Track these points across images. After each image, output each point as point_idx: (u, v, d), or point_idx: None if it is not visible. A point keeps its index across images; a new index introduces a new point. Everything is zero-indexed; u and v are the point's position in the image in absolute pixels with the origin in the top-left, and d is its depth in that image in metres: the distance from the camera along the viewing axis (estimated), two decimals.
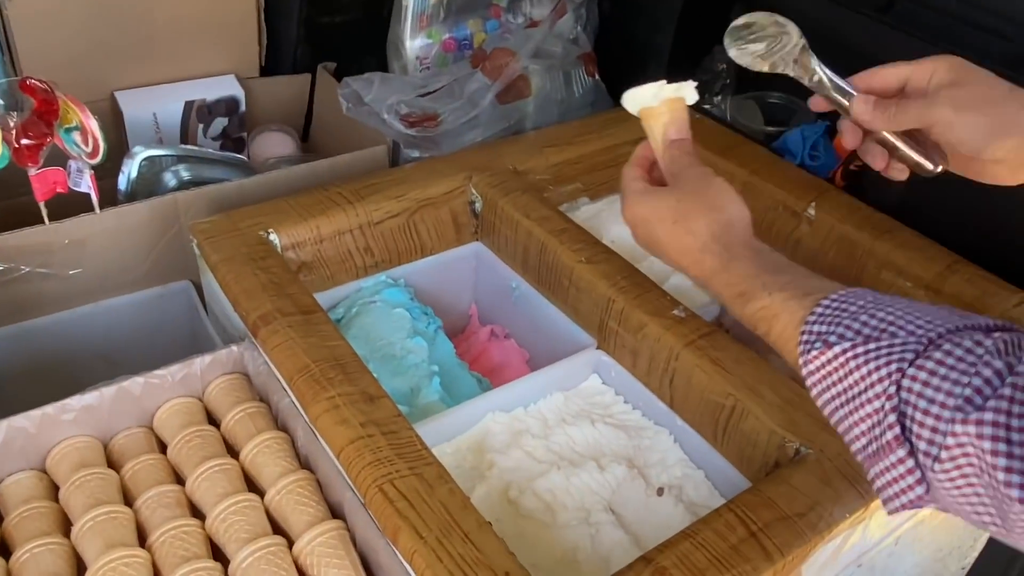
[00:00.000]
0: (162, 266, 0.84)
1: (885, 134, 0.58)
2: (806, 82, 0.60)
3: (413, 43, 1.03)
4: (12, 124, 0.69)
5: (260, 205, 0.76)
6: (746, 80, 1.02)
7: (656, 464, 0.67)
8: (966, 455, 0.38)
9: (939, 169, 0.58)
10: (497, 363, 0.84)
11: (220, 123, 1.02)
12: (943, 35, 0.81)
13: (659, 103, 0.59)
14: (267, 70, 1.06)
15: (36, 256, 0.77)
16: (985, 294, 0.73)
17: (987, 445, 0.37)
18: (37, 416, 0.62)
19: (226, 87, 1.01)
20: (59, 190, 0.76)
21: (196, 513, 0.60)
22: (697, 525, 0.53)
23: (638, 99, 0.60)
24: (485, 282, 0.86)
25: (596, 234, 0.78)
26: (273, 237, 0.74)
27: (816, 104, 0.61)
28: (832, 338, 0.44)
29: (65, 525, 0.59)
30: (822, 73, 0.60)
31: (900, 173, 0.60)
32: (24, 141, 0.70)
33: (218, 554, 0.57)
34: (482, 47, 1.04)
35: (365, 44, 1.07)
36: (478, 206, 0.84)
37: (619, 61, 1.12)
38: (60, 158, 0.77)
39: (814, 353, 0.45)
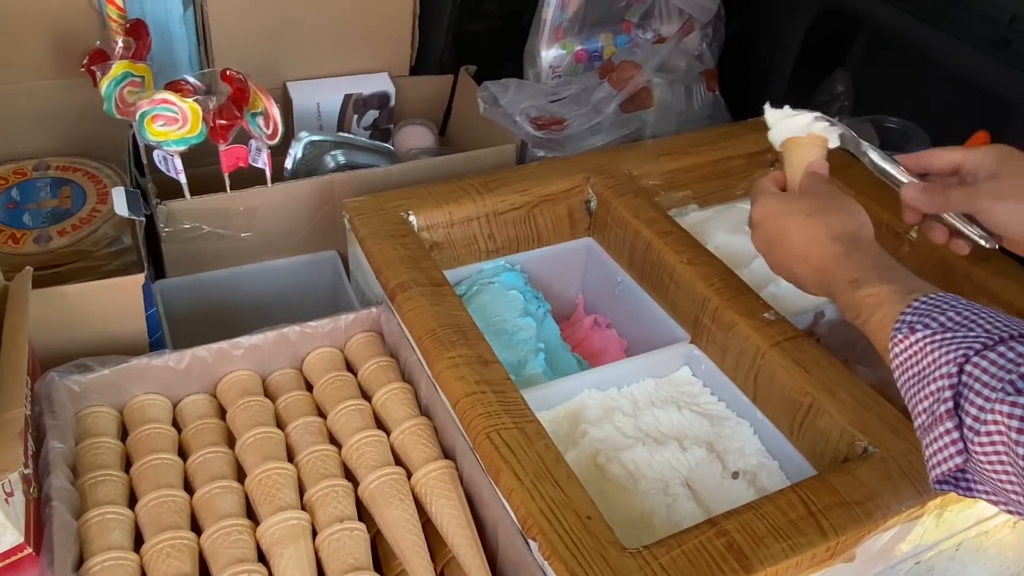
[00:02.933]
0: (315, 236, 0.97)
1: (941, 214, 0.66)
2: (865, 163, 0.68)
3: (548, 53, 1.11)
4: (211, 107, 0.83)
5: (403, 189, 0.87)
6: (863, 104, 1.05)
7: (734, 451, 0.73)
8: (1000, 432, 0.43)
9: (995, 246, 0.65)
10: (597, 349, 0.91)
11: (372, 115, 1.14)
12: None
13: (808, 136, 0.65)
14: (415, 70, 1.17)
15: (216, 219, 0.91)
16: None
17: (1015, 424, 0.42)
18: (214, 349, 0.74)
19: (380, 83, 1.13)
20: (241, 164, 0.89)
21: (333, 442, 0.71)
22: (761, 500, 0.59)
23: (788, 126, 0.66)
24: (593, 274, 0.94)
25: (701, 239, 0.84)
26: (412, 218, 0.84)
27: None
28: (918, 327, 0.50)
29: (229, 440, 0.72)
30: (875, 156, 0.68)
31: (961, 248, 0.67)
32: (219, 122, 0.83)
33: (349, 476, 0.68)
34: (611, 59, 1.12)
35: (504, 51, 1.17)
36: (593, 204, 0.92)
37: (740, 79, 1.17)
38: (243, 137, 0.91)
39: (899, 337, 0.51)
